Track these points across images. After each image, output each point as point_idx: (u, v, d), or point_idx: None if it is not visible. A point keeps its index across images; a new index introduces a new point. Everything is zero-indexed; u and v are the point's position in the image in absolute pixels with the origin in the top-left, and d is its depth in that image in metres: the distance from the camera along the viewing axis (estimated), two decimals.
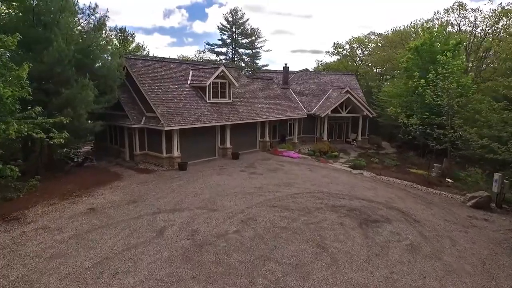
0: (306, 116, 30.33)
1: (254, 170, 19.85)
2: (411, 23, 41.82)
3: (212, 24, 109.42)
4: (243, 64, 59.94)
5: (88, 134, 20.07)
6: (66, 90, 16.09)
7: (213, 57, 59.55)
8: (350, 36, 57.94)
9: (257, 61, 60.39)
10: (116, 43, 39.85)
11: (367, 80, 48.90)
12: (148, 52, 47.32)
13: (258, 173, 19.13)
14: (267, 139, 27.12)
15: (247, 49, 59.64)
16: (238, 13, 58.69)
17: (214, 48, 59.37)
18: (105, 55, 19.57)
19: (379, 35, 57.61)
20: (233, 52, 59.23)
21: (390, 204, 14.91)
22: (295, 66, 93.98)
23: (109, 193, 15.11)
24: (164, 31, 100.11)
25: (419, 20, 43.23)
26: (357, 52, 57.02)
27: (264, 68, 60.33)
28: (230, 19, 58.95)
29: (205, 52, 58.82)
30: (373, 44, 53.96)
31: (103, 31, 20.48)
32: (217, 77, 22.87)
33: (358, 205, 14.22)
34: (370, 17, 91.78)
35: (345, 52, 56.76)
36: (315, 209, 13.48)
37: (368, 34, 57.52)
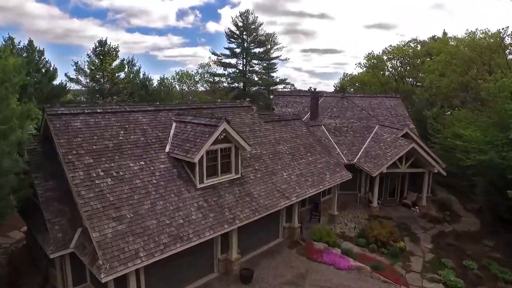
0: (351, 177, 20.47)
1: None
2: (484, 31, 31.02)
3: (224, 24, 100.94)
4: (256, 78, 50.24)
5: None
6: None
7: (220, 70, 49.96)
8: (388, 45, 46.95)
9: (273, 74, 50.61)
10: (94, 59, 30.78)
11: (416, 104, 38.45)
12: (140, 68, 38.08)
13: None
14: (296, 223, 17.44)
15: (260, 60, 49.85)
16: (249, 16, 48.97)
17: (221, 59, 49.75)
18: None
19: (422, 42, 47.20)
20: (244, 63, 49.50)
21: None
22: (307, 65, 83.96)
23: None
24: (177, 31, 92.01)
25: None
26: (395, 63, 46.60)
27: (282, 87, 50.65)
28: (240, 24, 49.30)
29: (209, 66, 49.15)
30: (427, 59, 43.32)
31: None
32: (215, 142, 13.28)
33: None
34: (391, 15, 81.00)
35: (381, 64, 46.40)
36: None
37: (409, 42, 47.18)
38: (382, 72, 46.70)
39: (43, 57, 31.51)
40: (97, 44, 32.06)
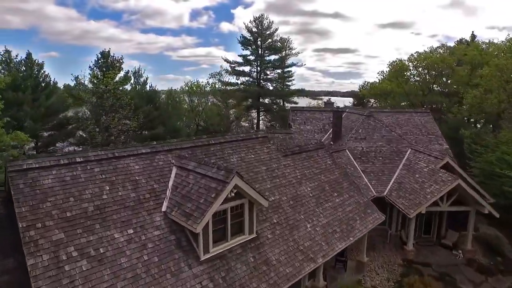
0: (383, 219, 17.39)
1: None
2: None
3: (237, 24, 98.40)
4: (270, 87, 47.36)
5: None
6: None
7: (232, 79, 47.25)
8: (415, 51, 43.42)
9: (288, 83, 47.61)
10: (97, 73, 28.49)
11: (450, 121, 34.81)
12: (147, 79, 35.64)
13: None
14: (321, 281, 14.53)
15: (276, 67, 46.91)
16: (264, 21, 46.09)
17: (235, 67, 47.02)
18: None
19: (451, 48, 43.50)
20: (257, 71, 46.65)
21: None
22: (320, 65, 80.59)
23: None
24: (191, 32, 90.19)
25: None
26: (422, 72, 42.81)
27: (297, 99, 47.65)
28: (255, 29, 46.47)
29: (221, 75, 46.43)
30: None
31: None
32: (225, 201, 10.47)
33: None
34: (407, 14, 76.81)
35: (406, 73, 42.80)
36: None
37: (437, 48, 43.51)
38: (405, 80, 43.07)
39: (42, 71, 29.40)
40: (100, 56, 29.73)
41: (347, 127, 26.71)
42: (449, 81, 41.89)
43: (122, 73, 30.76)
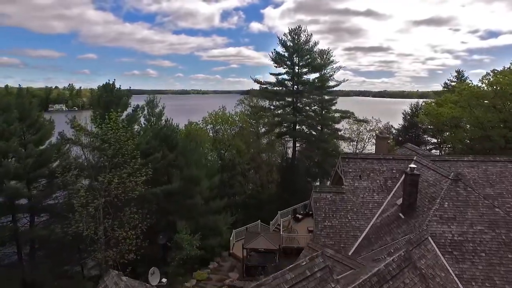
0: None
1: None
2: None
3: (267, 24, 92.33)
4: (311, 113, 40.24)
5: None
6: None
7: (264, 103, 40.54)
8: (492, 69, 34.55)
9: (331, 107, 40.26)
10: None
11: None
12: (163, 109, 29.80)
13: None
14: None
15: (316, 89, 39.72)
16: (302, 34, 39.11)
17: (266, 87, 40.36)
18: None
19: None
20: (294, 94, 39.66)
21: None
22: (351, 64, 72.14)
23: None
24: (221, 32, 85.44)
25: None
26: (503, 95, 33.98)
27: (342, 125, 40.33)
28: (290, 43, 39.61)
29: (251, 99, 39.77)
30: None
31: None
32: None
33: None
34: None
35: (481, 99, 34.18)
36: None
37: None
38: (484, 108, 34.39)
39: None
40: (102, 89, 24.08)
41: (422, 191, 19.36)
42: None
43: (128, 110, 25.05)
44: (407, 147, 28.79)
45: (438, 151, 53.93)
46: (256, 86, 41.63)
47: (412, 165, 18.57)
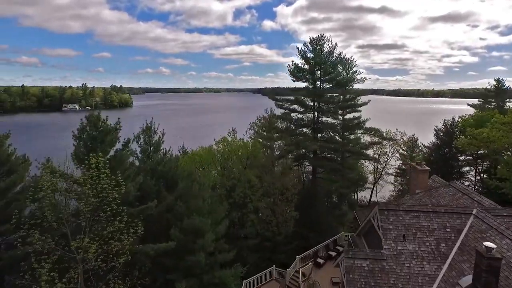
0: None
1: None
2: None
3: (279, 22, 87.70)
4: (333, 133, 35.15)
5: None
6: None
7: (280, 123, 35.69)
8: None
9: (358, 130, 35.11)
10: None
11: None
12: (161, 137, 25.46)
13: None
14: None
15: (340, 108, 34.61)
16: (325, 45, 34.13)
17: (283, 105, 35.52)
18: None
19: None
20: (314, 113, 34.69)
21: None
22: (364, 62, 66.42)
23: None
24: (234, 30, 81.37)
25: None
26: None
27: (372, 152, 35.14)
28: (311, 55, 34.68)
29: (266, 120, 34.98)
30: None
31: None
32: None
33: None
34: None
35: None
36: None
37: None
38: None
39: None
40: (86, 122, 19.72)
41: (502, 279, 14.22)
42: None
43: (119, 145, 20.67)
44: (453, 185, 23.55)
45: (474, 169, 48.19)
46: (269, 85, 37.10)
47: (489, 244, 13.47)
